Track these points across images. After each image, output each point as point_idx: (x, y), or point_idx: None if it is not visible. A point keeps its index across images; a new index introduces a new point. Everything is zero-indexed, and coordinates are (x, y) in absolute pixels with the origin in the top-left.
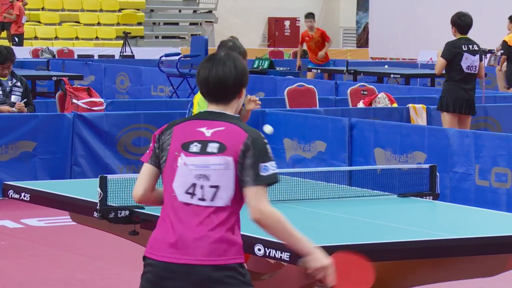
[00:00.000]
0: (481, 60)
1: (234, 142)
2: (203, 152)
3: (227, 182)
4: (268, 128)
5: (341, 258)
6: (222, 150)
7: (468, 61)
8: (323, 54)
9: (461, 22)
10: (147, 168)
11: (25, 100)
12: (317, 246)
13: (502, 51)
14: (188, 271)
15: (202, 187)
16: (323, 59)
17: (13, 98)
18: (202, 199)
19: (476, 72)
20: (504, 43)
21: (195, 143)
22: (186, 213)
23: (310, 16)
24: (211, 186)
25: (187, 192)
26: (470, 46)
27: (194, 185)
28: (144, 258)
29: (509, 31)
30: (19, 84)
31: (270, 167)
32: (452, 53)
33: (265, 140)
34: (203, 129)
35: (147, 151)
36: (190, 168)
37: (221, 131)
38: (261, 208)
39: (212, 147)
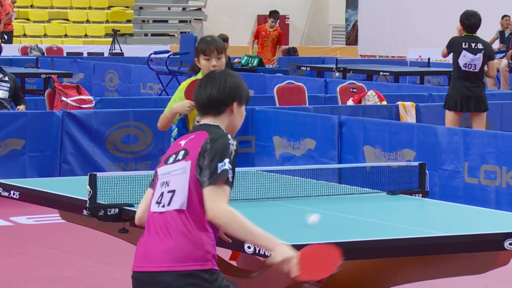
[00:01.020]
0: (490, 59)
1: (195, 146)
2: (174, 161)
3: (182, 186)
4: (313, 219)
5: (307, 250)
6: (185, 155)
7: (465, 59)
8: (277, 58)
9: (468, 22)
10: (146, 192)
11: (12, 96)
12: (279, 241)
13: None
14: (150, 280)
15: (163, 194)
16: (273, 61)
17: (1, 93)
18: (163, 206)
19: (477, 70)
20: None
21: (173, 155)
22: (152, 221)
23: (275, 15)
24: (169, 191)
25: (156, 202)
26: (473, 44)
27: (162, 194)
28: None
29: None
30: (6, 79)
31: (224, 165)
32: (451, 47)
33: (229, 141)
34: (182, 141)
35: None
36: (160, 178)
37: (191, 139)
38: (214, 208)
39: (180, 154)
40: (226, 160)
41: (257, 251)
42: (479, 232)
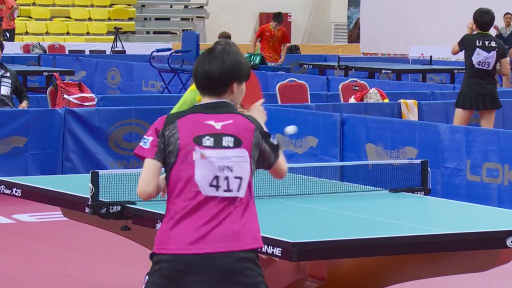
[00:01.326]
0: (503, 57)
1: (246, 136)
2: (218, 145)
3: (247, 173)
4: (290, 129)
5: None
6: (238, 143)
7: (479, 57)
8: (283, 60)
9: (482, 20)
10: (153, 164)
11: (14, 91)
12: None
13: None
14: (210, 262)
15: (226, 178)
16: (277, 60)
17: (3, 90)
18: (229, 190)
19: (490, 68)
20: None
21: (207, 137)
22: (210, 206)
23: (279, 19)
24: (236, 177)
25: (211, 185)
26: (486, 42)
27: (217, 177)
28: (154, 255)
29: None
30: (8, 75)
31: (273, 139)
32: (464, 45)
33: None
34: (211, 122)
35: (148, 147)
36: (212, 160)
37: (231, 124)
38: (286, 172)
39: (227, 140)
40: (272, 136)
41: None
42: (481, 230)
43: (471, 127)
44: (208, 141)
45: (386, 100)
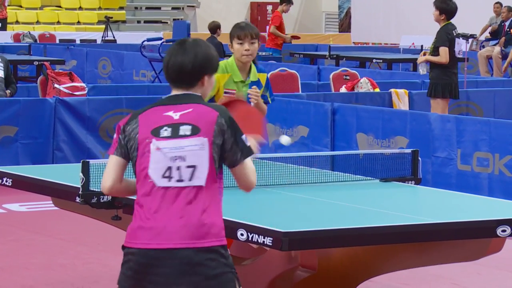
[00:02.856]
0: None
1: (206, 123)
2: (175, 135)
3: (203, 162)
4: (285, 139)
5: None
6: (195, 131)
7: (458, 46)
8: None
9: (449, 8)
10: (113, 160)
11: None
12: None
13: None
14: (169, 255)
15: (178, 168)
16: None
17: None
18: (180, 180)
19: (461, 56)
20: None
21: (165, 127)
22: (165, 197)
23: (290, 1)
24: (188, 166)
25: (164, 176)
26: (456, 31)
27: (169, 168)
28: (123, 247)
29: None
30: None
31: (246, 140)
32: (448, 39)
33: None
34: (170, 113)
35: (112, 144)
36: (164, 151)
37: (189, 112)
38: (254, 182)
39: (184, 129)
40: (244, 134)
41: (250, 239)
42: (471, 219)
43: (462, 116)
44: (165, 132)
45: (377, 90)
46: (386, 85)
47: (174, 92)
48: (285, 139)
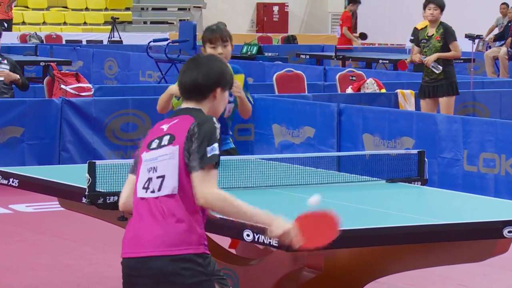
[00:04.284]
0: None
1: (181, 130)
2: (159, 146)
3: (172, 170)
4: (314, 200)
5: (304, 218)
6: (171, 140)
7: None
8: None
9: (444, 5)
10: (128, 177)
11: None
12: (276, 216)
13: (411, 38)
14: (144, 265)
15: (151, 179)
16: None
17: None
18: (152, 191)
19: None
20: (415, 30)
21: (155, 140)
22: (142, 207)
23: (358, 1)
24: (158, 177)
25: (143, 187)
26: None
27: (149, 179)
28: None
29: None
30: (5, 62)
31: (213, 149)
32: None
33: (215, 125)
34: (164, 126)
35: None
36: (145, 164)
37: (175, 123)
38: (204, 192)
39: (165, 139)
40: (215, 145)
41: (256, 239)
42: (478, 220)
43: (468, 117)
44: (154, 143)
45: (383, 90)
46: (392, 86)
47: (183, 105)
48: (314, 201)
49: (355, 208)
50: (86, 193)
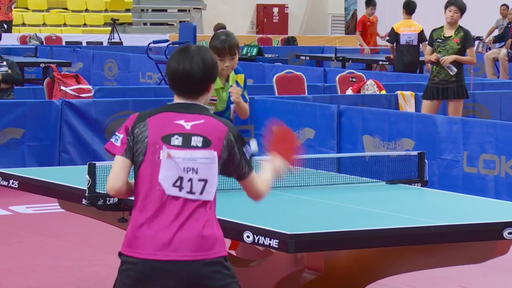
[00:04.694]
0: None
1: (216, 137)
2: (186, 145)
3: (213, 176)
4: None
5: (273, 144)
6: (207, 144)
7: None
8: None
9: (465, 8)
10: (121, 161)
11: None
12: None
13: (388, 38)
14: (176, 268)
15: (190, 180)
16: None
17: None
18: (191, 193)
19: None
20: (392, 30)
21: (176, 136)
22: (172, 206)
23: (372, 3)
24: (200, 180)
25: (174, 185)
26: None
27: (181, 178)
28: (121, 255)
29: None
30: (4, 63)
31: (247, 150)
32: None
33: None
34: (181, 122)
35: (118, 144)
36: (177, 161)
37: (201, 124)
38: (265, 191)
39: (196, 140)
40: (246, 144)
41: (256, 241)
42: (478, 222)
43: (468, 118)
44: (176, 140)
45: (383, 92)
46: (392, 87)
47: (180, 100)
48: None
49: (355, 210)
50: (86, 194)
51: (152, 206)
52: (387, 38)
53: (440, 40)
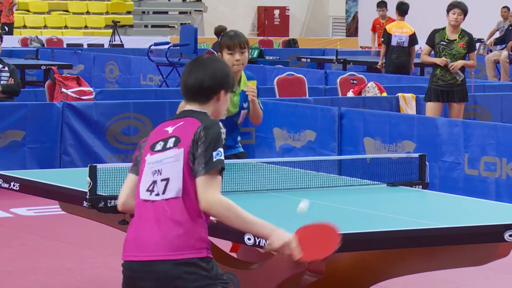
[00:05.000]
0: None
1: (187, 133)
2: (164, 149)
3: (176, 174)
4: (304, 205)
5: (304, 230)
6: (177, 143)
7: None
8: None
9: (467, 10)
10: (127, 177)
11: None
12: (276, 227)
13: (382, 39)
14: (148, 269)
15: (156, 182)
16: None
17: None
18: (157, 194)
19: None
20: (385, 31)
21: (160, 142)
22: (145, 210)
23: (382, 4)
24: (162, 180)
25: (147, 190)
26: None
27: (154, 182)
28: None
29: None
30: (6, 69)
31: (218, 154)
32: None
33: (221, 129)
34: (168, 128)
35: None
36: (150, 166)
37: (181, 125)
38: (209, 198)
39: (170, 142)
40: (220, 149)
41: (257, 243)
42: (479, 224)
43: (469, 120)
44: (159, 146)
45: (384, 94)
46: (393, 90)
47: (187, 107)
48: (302, 207)
49: (356, 212)
50: (87, 196)
51: (136, 212)
52: (382, 39)
53: (444, 43)
